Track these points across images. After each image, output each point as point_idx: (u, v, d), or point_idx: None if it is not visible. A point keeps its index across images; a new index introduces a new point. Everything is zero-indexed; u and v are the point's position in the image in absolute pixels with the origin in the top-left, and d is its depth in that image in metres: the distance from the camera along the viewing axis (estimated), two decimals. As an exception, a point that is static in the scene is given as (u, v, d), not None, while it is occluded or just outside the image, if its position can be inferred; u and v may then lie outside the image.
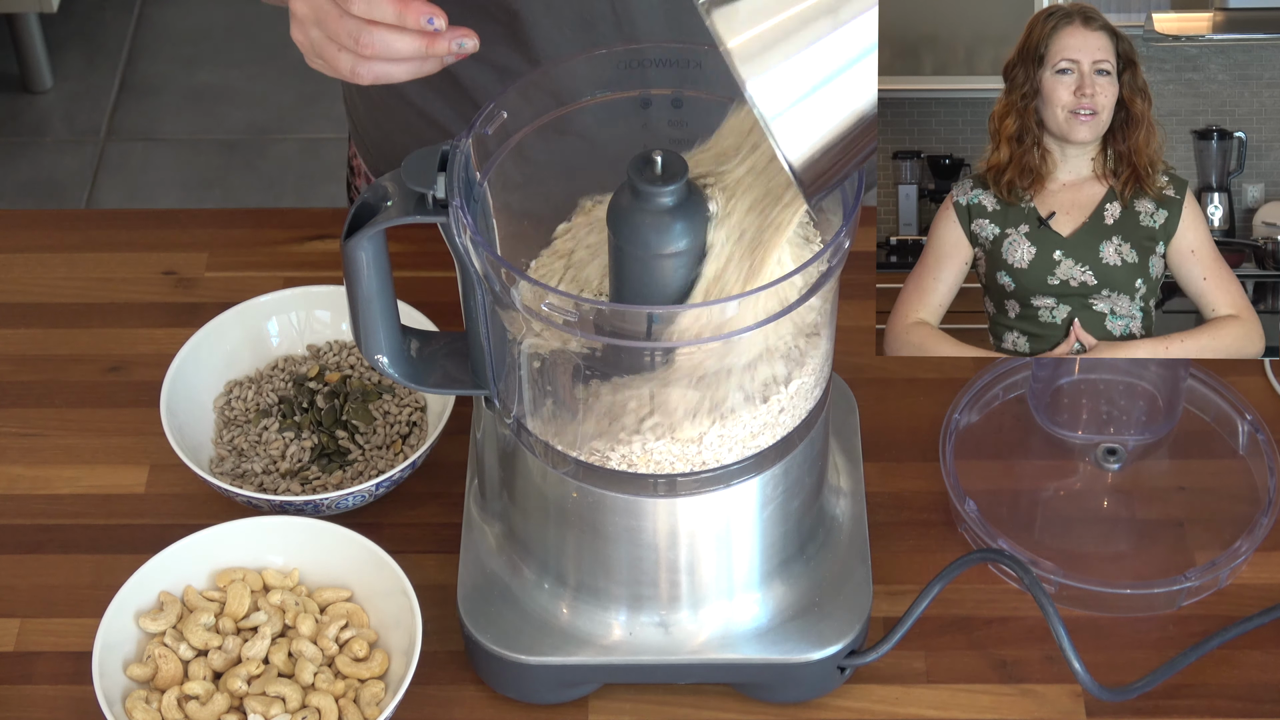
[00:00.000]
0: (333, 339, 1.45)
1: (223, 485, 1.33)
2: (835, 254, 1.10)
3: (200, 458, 1.38)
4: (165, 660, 1.26)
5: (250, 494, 1.33)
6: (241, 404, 1.41)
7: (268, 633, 1.27)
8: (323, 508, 1.33)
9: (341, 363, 1.43)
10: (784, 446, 1.19)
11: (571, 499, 1.20)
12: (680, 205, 1.10)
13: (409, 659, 1.24)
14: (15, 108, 3.17)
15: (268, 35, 3.28)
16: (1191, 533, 1.36)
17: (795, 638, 1.25)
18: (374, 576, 1.29)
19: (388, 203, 1.14)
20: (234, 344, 1.43)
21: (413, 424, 1.40)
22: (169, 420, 1.36)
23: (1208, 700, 1.28)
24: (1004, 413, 1.44)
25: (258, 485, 1.37)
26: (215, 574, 1.31)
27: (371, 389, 1.41)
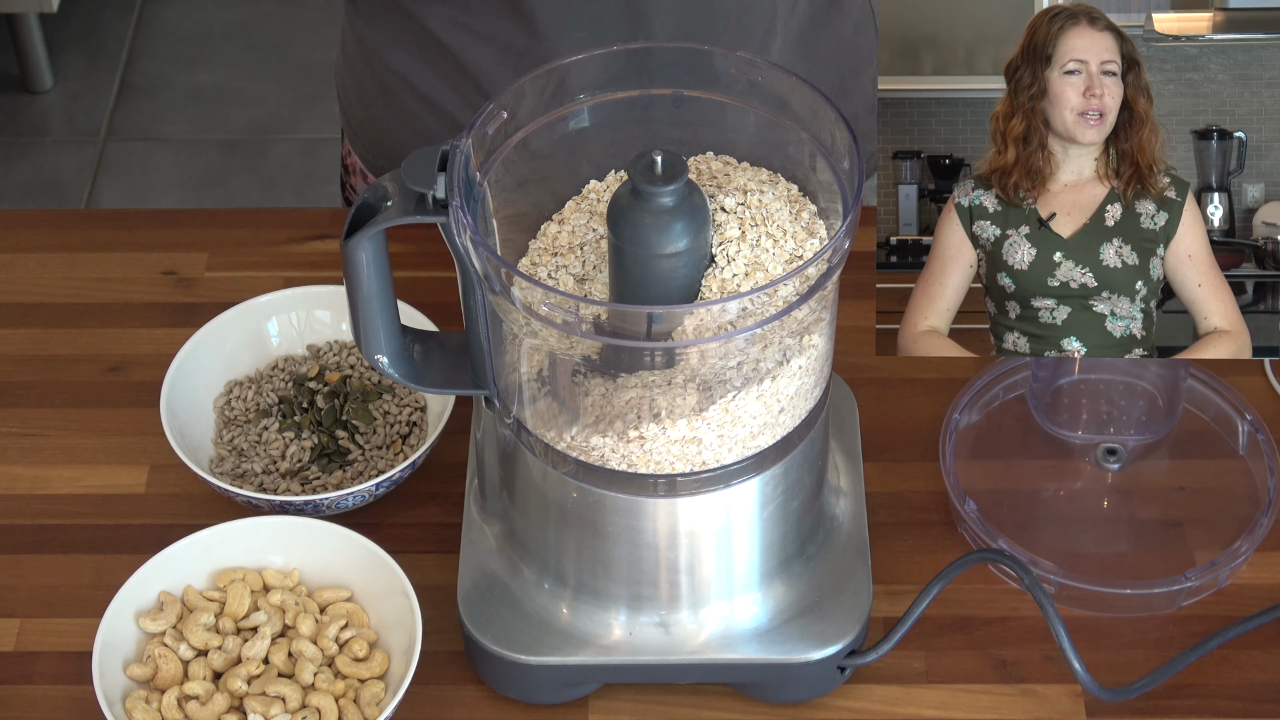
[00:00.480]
0: (333, 339, 1.45)
1: (223, 485, 1.33)
2: (835, 254, 1.10)
3: (200, 458, 1.38)
4: (165, 660, 1.26)
5: (250, 494, 1.33)
6: (241, 404, 1.41)
7: (268, 633, 1.27)
8: (323, 508, 1.33)
9: (341, 363, 1.43)
10: (784, 446, 1.19)
11: (571, 499, 1.20)
12: (680, 205, 1.10)
13: (409, 659, 1.24)
14: (15, 108, 3.17)
15: (268, 35, 3.28)
16: (1191, 533, 1.36)
17: (795, 638, 1.25)
18: (374, 577, 1.29)
19: (388, 203, 1.14)
20: (234, 344, 1.43)
21: (413, 424, 1.40)
22: (169, 420, 1.36)
23: (1208, 700, 1.28)
24: (1004, 413, 1.44)
25: (258, 485, 1.37)
26: (215, 574, 1.31)
27: (371, 389, 1.41)
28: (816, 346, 1.16)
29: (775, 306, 1.09)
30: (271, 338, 1.44)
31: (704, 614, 1.25)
